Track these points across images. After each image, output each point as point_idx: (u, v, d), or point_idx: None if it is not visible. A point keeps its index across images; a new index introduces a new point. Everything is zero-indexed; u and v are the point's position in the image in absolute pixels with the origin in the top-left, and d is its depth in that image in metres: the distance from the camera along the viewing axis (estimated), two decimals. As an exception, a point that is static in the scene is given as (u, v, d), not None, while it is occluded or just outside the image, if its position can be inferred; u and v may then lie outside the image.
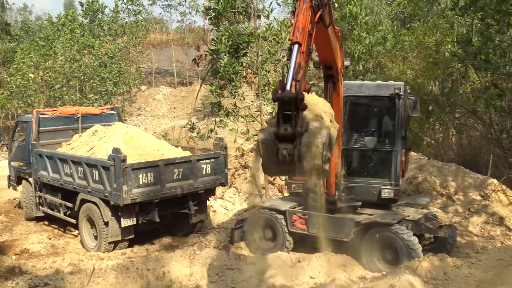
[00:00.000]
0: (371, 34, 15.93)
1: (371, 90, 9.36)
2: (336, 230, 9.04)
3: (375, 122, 9.59)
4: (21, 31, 41.13)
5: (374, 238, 8.64)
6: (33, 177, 12.39)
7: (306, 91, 5.67)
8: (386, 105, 9.23)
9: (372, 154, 9.33)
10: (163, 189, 10.10)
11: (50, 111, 13.19)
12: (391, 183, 9.08)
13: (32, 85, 26.29)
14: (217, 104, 16.26)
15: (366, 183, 9.26)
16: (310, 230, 9.33)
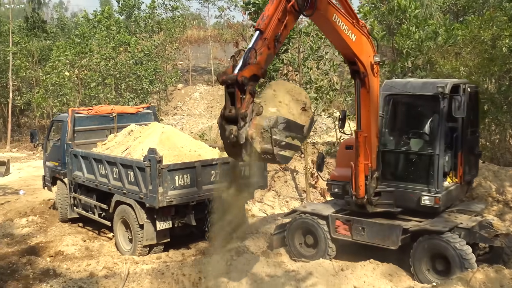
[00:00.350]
0: (421, 28, 15.64)
1: (415, 88, 9.16)
2: (382, 237, 8.92)
3: (418, 122, 9.40)
4: (56, 28, 42.36)
5: (423, 246, 8.49)
6: (68, 178, 12.71)
7: (259, 76, 6.25)
8: (430, 104, 9.01)
9: (413, 157, 9.14)
10: (200, 191, 10.19)
11: (85, 110, 13.51)
12: (430, 190, 8.85)
13: (68, 84, 26.96)
14: (256, 103, 16.27)
15: (406, 188, 9.08)
16: (355, 237, 9.23)
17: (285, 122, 6.42)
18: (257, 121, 6.13)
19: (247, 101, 6.12)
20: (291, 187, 15.90)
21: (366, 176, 8.92)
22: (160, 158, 9.65)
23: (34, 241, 11.87)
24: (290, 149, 6.58)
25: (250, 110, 6.16)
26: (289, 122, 6.48)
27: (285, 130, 6.44)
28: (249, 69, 6.27)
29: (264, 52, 6.54)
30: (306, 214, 9.86)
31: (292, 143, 6.60)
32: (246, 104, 6.12)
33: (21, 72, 30.82)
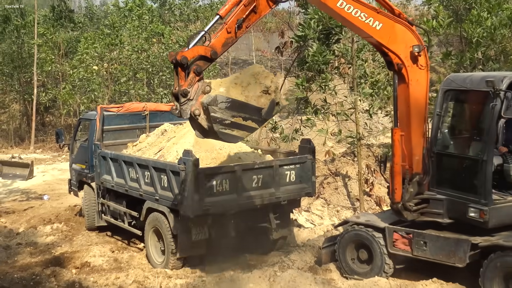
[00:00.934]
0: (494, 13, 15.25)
1: (473, 83, 8.86)
2: (447, 253, 8.73)
3: (474, 123, 9.16)
4: (85, 18, 43.31)
5: (495, 264, 8.26)
6: (96, 182, 12.95)
7: (208, 57, 7.62)
8: (482, 102, 8.69)
9: (463, 161, 8.94)
10: (240, 198, 10.21)
11: (115, 108, 13.74)
12: (477, 201, 8.57)
13: (96, 79, 27.45)
14: (303, 100, 16.23)
15: (455, 197, 8.88)
16: (415, 253, 9.08)
17: (228, 101, 7.64)
18: (201, 99, 7.56)
19: (190, 79, 7.55)
20: (342, 195, 15.77)
21: (403, 179, 8.93)
22: (196, 161, 9.71)
23: (58, 251, 12.14)
24: (239, 129, 7.77)
25: (196, 88, 7.60)
26: (235, 102, 7.67)
27: (229, 109, 7.65)
28: (193, 50, 7.65)
29: (221, 35, 7.84)
30: (359, 225, 9.75)
31: (244, 124, 7.78)
32: (189, 82, 7.55)
33: (46, 66, 31.56)
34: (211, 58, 7.74)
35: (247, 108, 7.79)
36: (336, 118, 15.82)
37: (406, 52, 8.70)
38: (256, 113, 7.86)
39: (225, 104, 7.64)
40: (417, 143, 8.94)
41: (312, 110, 15.65)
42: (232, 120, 7.69)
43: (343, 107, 15.78)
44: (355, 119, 15.09)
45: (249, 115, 7.83)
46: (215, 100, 7.60)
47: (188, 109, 7.63)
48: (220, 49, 7.84)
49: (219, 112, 7.60)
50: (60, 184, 19.94)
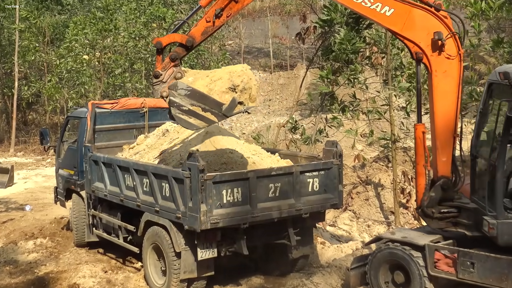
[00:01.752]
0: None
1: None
2: (498, 276, 8.68)
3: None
4: None
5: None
6: (86, 190, 13.00)
7: (184, 44, 9.37)
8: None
9: (485, 167, 9.05)
10: (254, 210, 10.20)
11: (109, 104, 13.79)
12: (488, 213, 8.73)
13: (87, 70, 27.56)
14: (329, 96, 16.22)
15: (479, 206, 9.05)
16: (461, 275, 9.03)
17: (188, 89, 9.32)
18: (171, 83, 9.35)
19: (164, 63, 9.41)
20: (374, 207, 15.74)
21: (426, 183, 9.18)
22: (203, 167, 9.71)
23: (43, 271, 12.19)
24: (197, 118, 9.33)
25: (170, 73, 9.43)
26: (195, 92, 9.30)
27: (188, 97, 9.31)
28: (169, 36, 9.54)
29: (200, 23, 9.38)
30: (394, 243, 9.71)
31: (202, 114, 9.32)
32: (163, 65, 9.42)
33: (29, 56, 31.71)
34: (188, 47, 9.49)
35: (207, 100, 9.34)
36: (367, 116, 15.79)
37: (428, 40, 8.91)
38: (216, 107, 9.37)
39: (184, 92, 9.34)
40: (444, 142, 9.12)
41: (339, 107, 15.64)
42: (189, 108, 9.32)
43: (375, 103, 15.75)
44: (389, 117, 15.05)
45: (208, 107, 9.34)
46: (175, 85, 9.36)
47: (158, 90, 9.48)
48: (199, 37, 9.41)
49: (178, 98, 9.32)
50: (44, 193, 20.05)
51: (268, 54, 42.25)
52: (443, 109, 9.18)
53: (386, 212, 15.53)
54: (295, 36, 18.76)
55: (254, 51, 44.20)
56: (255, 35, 44.20)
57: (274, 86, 37.50)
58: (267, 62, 42.03)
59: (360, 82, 15.44)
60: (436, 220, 9.40)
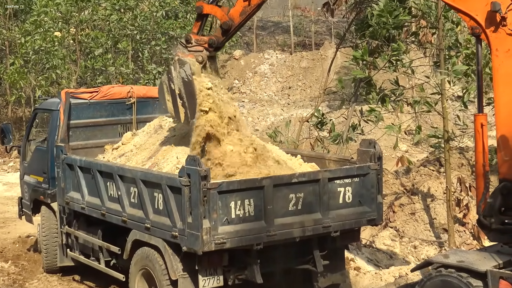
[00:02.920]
0: None
1: None
2: None
3: None
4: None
5: None
6: (59, 202, 13.04)
7: (221, 22, 10.90)
8: None
9: None
10: (271, 227, 10.19)
11: (87, 93, 13.84)
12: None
13: (59, 50, 27.64)
14: (365, 82, 16.19)
15: None
16: (532, 309, 9.00)
17: (188, 77, 10.66)
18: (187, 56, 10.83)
19: (201, 38, 10.95)
20: (422, 223, 15.71)
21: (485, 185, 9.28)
22: (206, 172, 9.72)
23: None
24: (173, 104, 11.09)
25: (198, 49, 10.91)
26: (190, 85, 10.66)
27: (182, 83, 10.75)
28: (213, 7, 11.07)
29: (238, 3, 10.67)
30: (448, 268, 9.67)
31: (178, 106, 10.94)
32: (199, 38, 10.93)
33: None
34: (225, 29, 10.82)
35: (192, 100, 10.69)
36: (413, 108, 15.74)
37: (485, 12, 8.93)
38: (191, 113, 10.73)
39: (184, 75, 10.72)
40: (507, 138, 9.13)
41: (378, 96, 15.61)
42: (175, 91, 10.90)
43: (423, 92, 15.70)
44: (441, 110, 15.00)
45: (186, 107, 10.79)
46: (184, 63, 10.76)
47: (177, 51, 11.06)
48: (237, 18, 10.68)
49: (175, 74, 10.85)
50: (6, 205, 20.11)
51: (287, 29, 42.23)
52: (506, 97, 9.17)
53: (438, 229, 15.48)
54: (321, 7, 18.76)
55: (269, 26, 44.22)
56: (270, 5, 44.18)
57: (295, 70, 37.53)
58: (286, 40, 42.03)
59: (404, 65, 15.40)
60: (496, 233, 9.41)
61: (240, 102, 34.45)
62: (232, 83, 36.85)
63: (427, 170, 17.06)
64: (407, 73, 15.76)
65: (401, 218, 15.92)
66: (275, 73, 37.49)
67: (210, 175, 9.77)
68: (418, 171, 17.17)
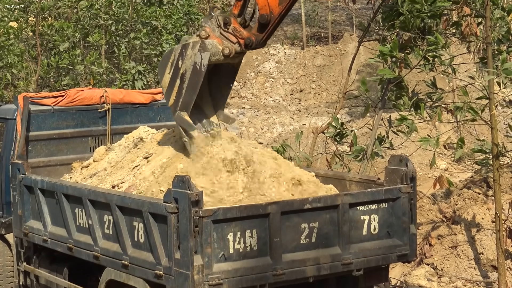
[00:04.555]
0: None
1: None
2: None
3: None
4: None
5: None
6: (15, 233, 13.11)
7: (259, 20, 11.03)
8: None
9: None
10: (278, 264, 10.24)
11: (51, 98, 13.87)
12: None
13: (15, 44, 27.72)
14: (394, 84, 16.23)
15: None
16: None
17: (199, 65, 10.92)
18: (214, 42, 11.13)
19: (240, 28, 11.14)
20: (465, 259, 15.74)
21: None
22: (198, 197, 9.75)
23: None
24: (172, 84, 11.39)
25: (229, 38, 11.16)
26: (198, 75, 11.00)
27: (192, 66, 11.01)
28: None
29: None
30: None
31: (174, 88, 11.30)
32: (237, 26, 11.16)
33: None
34: (262, 24, 11.05)
35: (191, 91, 11.09)
36: (454, 116, 15.79)
37: None
38: (184, 103, 11.20)
39: (196, 58, 10.99)
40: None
41: (410, 102, 15.65)
42: (179, 71, 11.17)
43: (467, 96, 15.74)
44: (489, 118, 15.04)
45: (183, 94, 11.17)
46: (205, 48, 10.99)
47: (209, 27, 11.33)
48: (276, 8, 10.86)
49: (189, 53, 11.08)
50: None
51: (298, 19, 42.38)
52: None
53: (485, 266, 15.50)
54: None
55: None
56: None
57: (308, 69, 37.61)
58: (296, 32, 42.17)
59: (443, 63, 15.45)
60: None
61: (240, 109, 34.53)
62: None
63: (471, 193, 17.09)
64: (447, 72, 15.77)
65: (439, 252, 15.94)
66: (283, 72, 37.57)
67: (202, 200, 9.81)
68: (460, 194, 17.19)
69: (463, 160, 16.99)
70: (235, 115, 33.72)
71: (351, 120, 26.86)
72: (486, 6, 14.94)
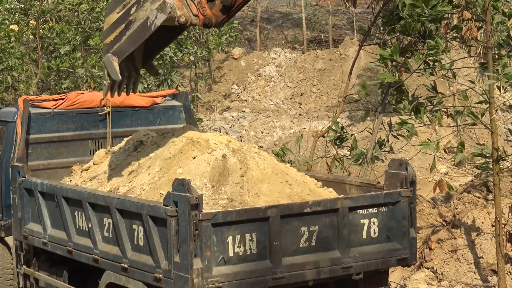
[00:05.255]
0: None
1: None
2: None
3: None
4: None
5: None
6: (15, 236, 13.11)
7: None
8: None
9: None
10: (278, 268, 10.23)
11: (51, 101, 13.87)
12: None
13: (16, 48, 27.71)
14: (395, 88, 16.23)
15: None
16: None
17: (153, 24, 10.40)
18: None
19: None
20: (465, 263, 15.73)
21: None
22: (198, 200, 9.74)
23: None
24: (116, 19, 10.81)
25: (194, 6, 10.54)
26: (145, 32, 10.48)
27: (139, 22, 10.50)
28: None
29: None
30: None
31: (117, 25, 10.78)
32: None
33: None
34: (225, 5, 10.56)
35: (130, 44, 10.70)
36: (454, 121, 15.78)
37: None
38: (120, 49, 10.75)
39: (148, 16, 10.45)
40: None
41: (411, 106, 15.65)
42: (128, 18, 10.69)
43: (467, 100, 15.73)
44: (490, 122, 15.02)
45: (121, 41, 10.75)
46: (163, 8, 10.31)
47: None
48: None
49: (145, 6, 10.50)
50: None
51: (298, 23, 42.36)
52: None
53: (485, 271, 15.48)
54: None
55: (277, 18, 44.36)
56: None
57: (308, 73, 37.63)
58: (297, 36, 42.14)
59: (443, 67, 15.43)
60: None
61: (240, 113, 34.52)
62: (230, 88, 36.91)
63: (471, 197, 17.08)
64: (447, 76, 15.77)
65: (439, 256, 15.92)
66: (284, 76, 37.58)
67: (202, 203, 9.79)
68: (460, 198, 17.18)
69: (463, 164, 16.97)
70: (235, 118, 33.68)
71: (351, 124, 26.86)
72: (487, 10, 14.93)
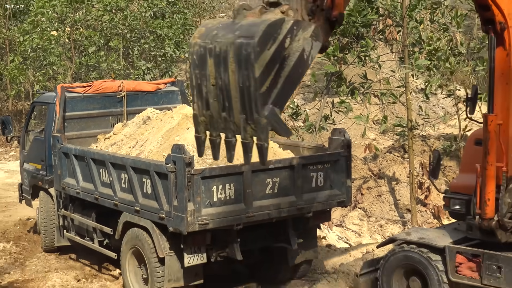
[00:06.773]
0: None
1: None
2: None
3: None
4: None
5: None
6: (56, 187, 13.11)
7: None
8: None
9: None
10: (249, 209, 10.27)
11: (81, 88, 13.83)
12: None
13: (55, 48, 27.56)
14: (336, 76, 16.28)
15: None
16: (486, 281, 9.12)
17: (310, 56, 5.86)
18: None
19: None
20: (387, 204, 15.82)
21: (498, 186, 8.80)
22: (190, 160, 9.79)
23: (6, 280, 12.28)
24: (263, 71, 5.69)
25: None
26: (303, 67, 5.83)
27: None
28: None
29: None
30: (410, 244, 9.80)
31: (267, 76, 5.67)
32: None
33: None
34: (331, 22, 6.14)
35: (289, 86, 5.92)
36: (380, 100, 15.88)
37: (506, 5, 8.45)
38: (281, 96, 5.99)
39: (304, 48, 5.82)
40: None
41: (348, 89, 15.71)
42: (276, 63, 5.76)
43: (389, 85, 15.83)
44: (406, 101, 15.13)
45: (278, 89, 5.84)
46: (317, 35, 5.88)
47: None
48: (342, 5, 6.12)
49: (296, 39, 5.78)
50: (7, 191, 20.08)
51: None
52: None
53: (402, 210, 15.61)
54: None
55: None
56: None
57: (273, 66, 37.37)
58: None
59: (372, 60, 15.51)
60: (509, 232, 8.98)
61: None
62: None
63: (392, 156, 17.17)
64: (375, 67, 15.83)
65: (368, 199, 16.03)
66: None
67: (194, 162, 9.86)
68: (384, 157, 17.28)
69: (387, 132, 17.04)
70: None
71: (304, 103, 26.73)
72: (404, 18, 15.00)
